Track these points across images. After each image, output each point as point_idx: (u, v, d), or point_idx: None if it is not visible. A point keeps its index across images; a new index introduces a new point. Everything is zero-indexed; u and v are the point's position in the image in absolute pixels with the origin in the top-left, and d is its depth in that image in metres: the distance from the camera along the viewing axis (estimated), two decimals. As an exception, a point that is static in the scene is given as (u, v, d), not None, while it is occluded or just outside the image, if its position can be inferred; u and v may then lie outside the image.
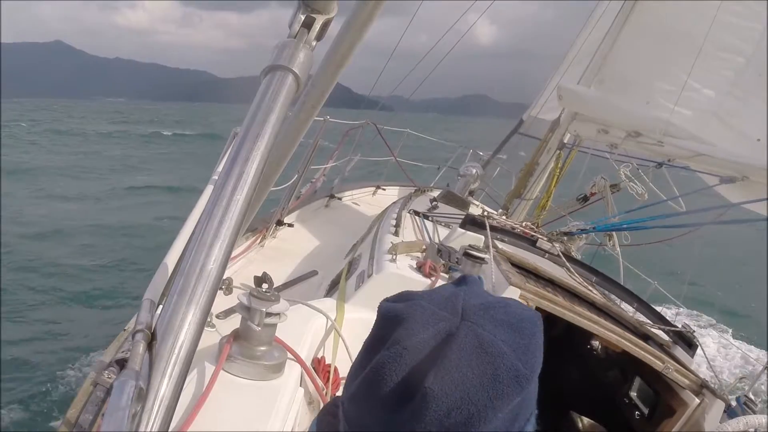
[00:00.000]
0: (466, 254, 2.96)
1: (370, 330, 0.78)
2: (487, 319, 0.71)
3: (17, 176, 22.67)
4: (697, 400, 2.91)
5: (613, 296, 4.42)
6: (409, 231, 4.04)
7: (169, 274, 1.38)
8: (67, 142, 42.26)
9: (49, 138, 44.19)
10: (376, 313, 0.78)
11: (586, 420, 4.15)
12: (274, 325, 1.74)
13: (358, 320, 2.51)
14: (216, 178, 1.86)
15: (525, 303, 2.88)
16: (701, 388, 2.95)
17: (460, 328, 0.70)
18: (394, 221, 4.07)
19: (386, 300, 0.80)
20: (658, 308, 4.54)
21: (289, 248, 4.83)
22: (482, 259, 2.94)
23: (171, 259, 1.50)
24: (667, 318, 4.27)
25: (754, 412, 3.21)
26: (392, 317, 0.74)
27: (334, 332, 2.37)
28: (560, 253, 4.32)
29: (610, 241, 6.18)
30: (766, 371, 4.43)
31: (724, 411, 3.01)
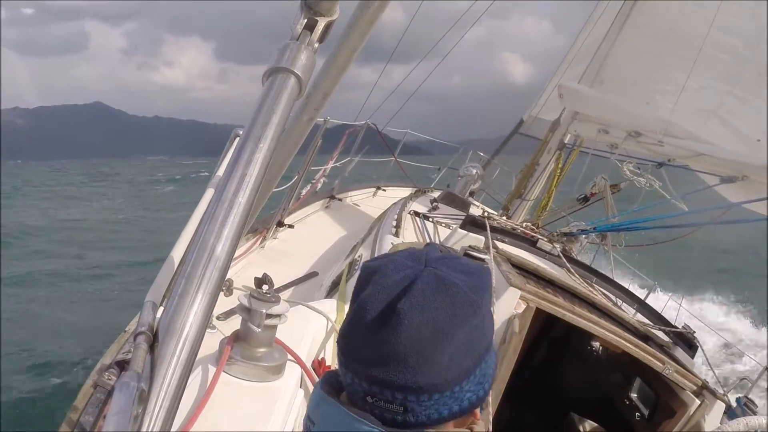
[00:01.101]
0: (467, 255, 2.95)
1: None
2: (445, 264, 0.88)
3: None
4: (698, 401, 2.91)
5: (613, 297, 4.42)
6: (409, 232, 4.04)
7: (171, 276, 1.38)
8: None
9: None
10: None
11: (586, 421, 4.15)
12: (275, 327, 1.73)
13: None
14: (217, 179, 1.86)
15: (525, 304, 2.88)
16: (701, 389, 2.95)
17: (423, 271, 0.86)
18: (395, 222, 4.07)
19: (364, 262, 0.95)
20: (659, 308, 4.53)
21: (290, 249, 4.83)
22: (482, 259, 2.94)
23: (172, 260, 1.50)
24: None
25: (755, 413, 3.21)
26: (372, 268, 0.90)
27: (334, 333, 2.37)
28: (560, 254, 4.31)
29: (603, 241, 6.16)
30: (766, 372, 4.43)
31: (724, 412, 3.01)
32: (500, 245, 3.99)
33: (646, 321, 3.92)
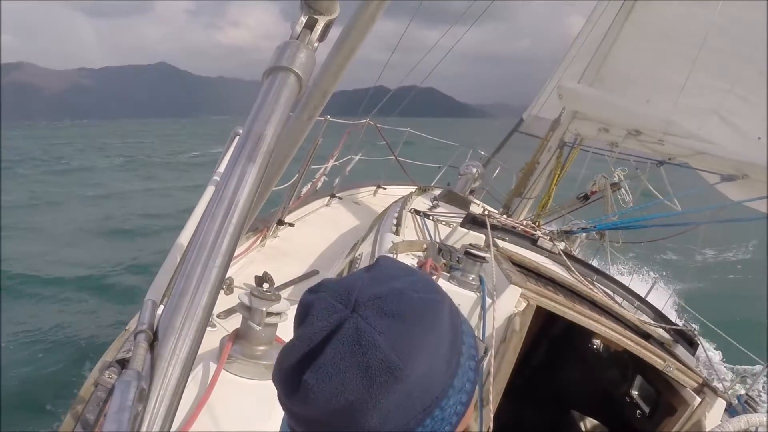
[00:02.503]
0: (467, 253, 2.96)
1: None
2: (374, 309, 0.74)
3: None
4: (698, 399, 2.91)
5: (614, 294, 4.42)
6: (410, 230, 4.04)
7: (171, 275, 1.39)
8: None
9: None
10: None
11: (587, 419, 4.15)
12: (275, 325, 1.74)
13: None
14: (217, 178, 1.87)
15: (526, 302, 2.88)
16: (702, 386, 2.95)
17: (347, 320, 0.73)
18: (395, 220, 4.07)
19: (307, 290, 0.83)
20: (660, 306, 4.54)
21: (290, 248, 4.83)
22: (483, 257, 2.94)
23: (173, 259, 1.50)
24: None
25: (756, 411, 3.21)
26: (300, 307, 0.79)
27: None
28: (561, 252, 4.31)
29: (601, 239, 6.17)
30: (766, 370, 4.43)
31: (725, 410, 3.01)
32: (501, 243, 3.99)
33: (647, 318, 3.92)
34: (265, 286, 1.70)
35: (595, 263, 5.59)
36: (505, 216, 5.76)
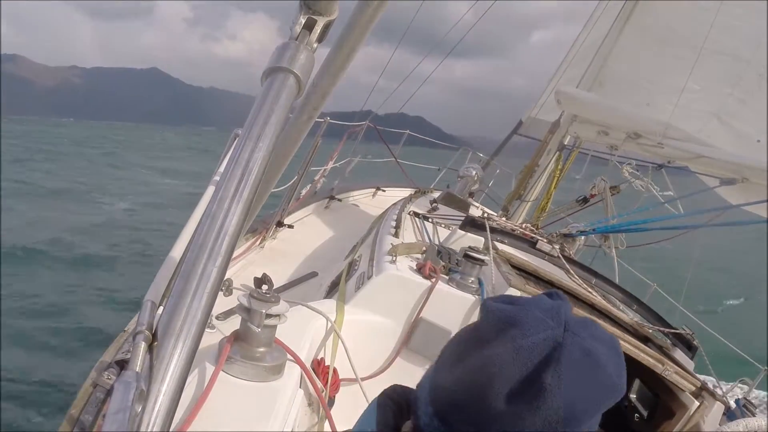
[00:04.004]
0: (466, 256, 2.96)
1: (471, 325, 0.85)
2: (588, 333, 0.79)
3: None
4: (697, 403, 2.91)
5: (612, 298, 4.42)
6: (409, 232, 4.04)
7: (170, 276, 1.38)
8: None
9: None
10: (376, 314, 0.81)
11: None
12: (274, 327, 1.73)
13: (358, 322, 2.50)
14: (217, 179, 1.87)
15: None
16: (701, 390, 2.95)
17: (565, 337, 0.77)
18: (394, 222, 4.06)
19: (492, 300, 0.86)
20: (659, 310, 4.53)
21: (289, 249, 4.83)
22: (482, 260, 2.94)
23: (172, 260, 1.50)
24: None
25: (754, 415, 3.21)
26: (505, 317, 0.80)
27: (333, 334, 2.37)
28: (560, 255, 4.31)
29: (606, 242, 6.18)
30: (765, 373, 4.43)
31: (724, 413, 3.01)
32: (500, 246, 3.99)
33: (646, 322, 3.92)
34: (264, 287, 1.69)
35: (610, 272, 5.59)
36: (504, 219, 5.76)
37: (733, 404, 3.33)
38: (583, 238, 6.02)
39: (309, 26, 1.23)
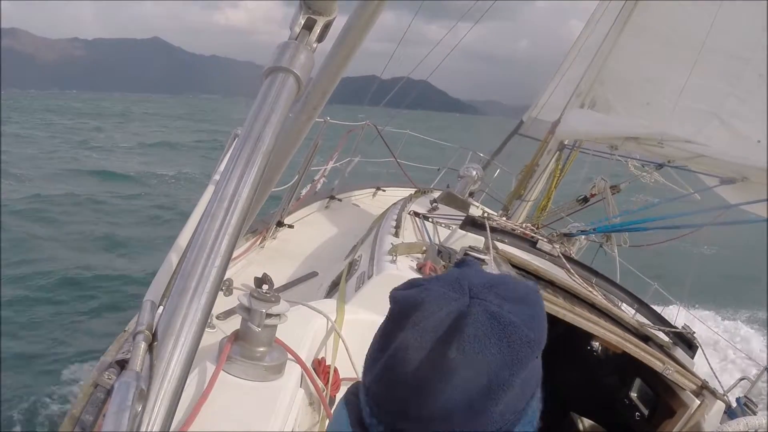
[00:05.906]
0: (466, 255, 2.96)
1: (384, 318, 0.83)
2: (493, 295, 0.76)
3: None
4: (697, 401, 2.91)
5: (613, 297, 4.42)
6: (409, 232, 4.04)
7: (170, 275, 1.38)
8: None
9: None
10: (376, 314, 0.81)
11: (586, 421, 4.15)
12: (275, 326, 1.73)
13: (359, 321, 2.50)
14: (217, 178, 1.87)
15: None
16: (701, 389, 2.95)
17: (470, 305, 0.75)
18: (395, 222, 4.06)
19: (396, 289, 0.84)
20: (660, 309, 4.54)
21: (290, 249, 4.83)
22: (482, 260, 2.94)
23: (172, 260, 1.50)
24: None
25: (754, 413, 3.21)
26: (408, 302, 0.79)
27: (334, 333, 2.37)
28: (560, 255, 4.32)
29: (608, 242, 6.18)
30: (766, 372, 4.43)
31: (724, 412, 3.01)
32: (500, 246, 3.99)
33: (646, 321, 3.92)
34: (265, 287, 1.70)
35: (612, 271, 5.60)
36: (504, 218, 5.76)
37: (734, 403, 3.33)
38: (584, 237, 6.03)
39: (309, 26, 1.23)
